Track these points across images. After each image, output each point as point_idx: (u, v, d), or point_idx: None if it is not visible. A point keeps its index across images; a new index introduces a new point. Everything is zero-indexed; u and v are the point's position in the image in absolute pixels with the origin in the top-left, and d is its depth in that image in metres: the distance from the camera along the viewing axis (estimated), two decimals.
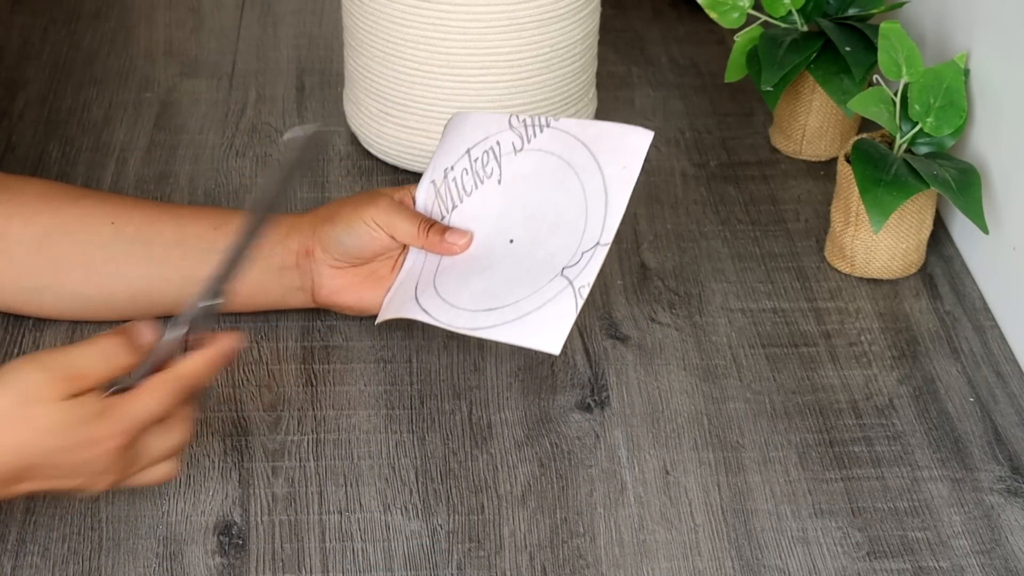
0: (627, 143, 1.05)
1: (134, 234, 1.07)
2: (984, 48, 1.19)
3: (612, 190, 1.04)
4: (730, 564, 0.95)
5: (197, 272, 1.04)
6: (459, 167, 1.09)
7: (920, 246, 1.20)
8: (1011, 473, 1.02)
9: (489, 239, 1.07)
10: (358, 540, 0.96)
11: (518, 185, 1.08)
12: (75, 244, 1.06)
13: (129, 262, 1.07)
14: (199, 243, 1.07)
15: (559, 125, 1.07)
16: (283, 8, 1.58)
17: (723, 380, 1.10)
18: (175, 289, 1.07)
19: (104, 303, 1.09)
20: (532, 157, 1.08)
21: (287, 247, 1.08)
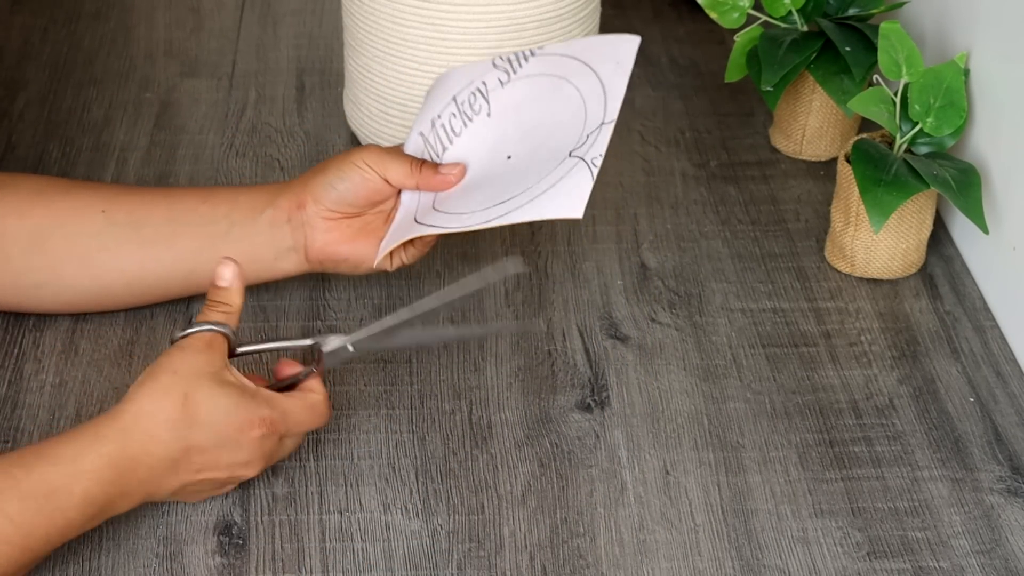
0: (616, 49, 1.06)
1: (125, 219, 1.07)
2: (984, 48, 1.19)
3: (608, 79, 1.05)
4: (730, 564, 0.95)
5: (187, 248, 1.07)
6: (446, 113, 1.10)
7: (920, 246, 1.20)
8: (1011, 473, 1.02)
9: (485, 162, 1.07)
10: (358, 540, 0.96)
11: (508, 113, 1.08)
12: (69, 237, 1.06)
13: (121, 248, 1.07)
14: (189, 216, 1.07)
15: (545, 51, 1.08)
16: (283, 8, 1.58)
17: (723, 380, 1.10)
18: (167, 269, 1.08)
19: (101, 292, 1.09)
20: (521, 84, 1.08)
21: (277, 206, 1.07)
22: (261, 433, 0.93)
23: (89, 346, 1.10)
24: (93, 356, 1.10)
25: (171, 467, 0.92)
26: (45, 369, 1.09)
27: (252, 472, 0.95)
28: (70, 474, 0.88)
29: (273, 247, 1.08)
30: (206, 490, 0.96)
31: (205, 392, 0.92)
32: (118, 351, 1.10)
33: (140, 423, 0.90)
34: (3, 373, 1.08)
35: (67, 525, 0.88)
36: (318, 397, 0.97)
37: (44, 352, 1.10)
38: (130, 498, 0.92)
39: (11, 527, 0.86)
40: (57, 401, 1.06)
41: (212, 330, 0.95)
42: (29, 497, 0.86)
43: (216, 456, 0.93)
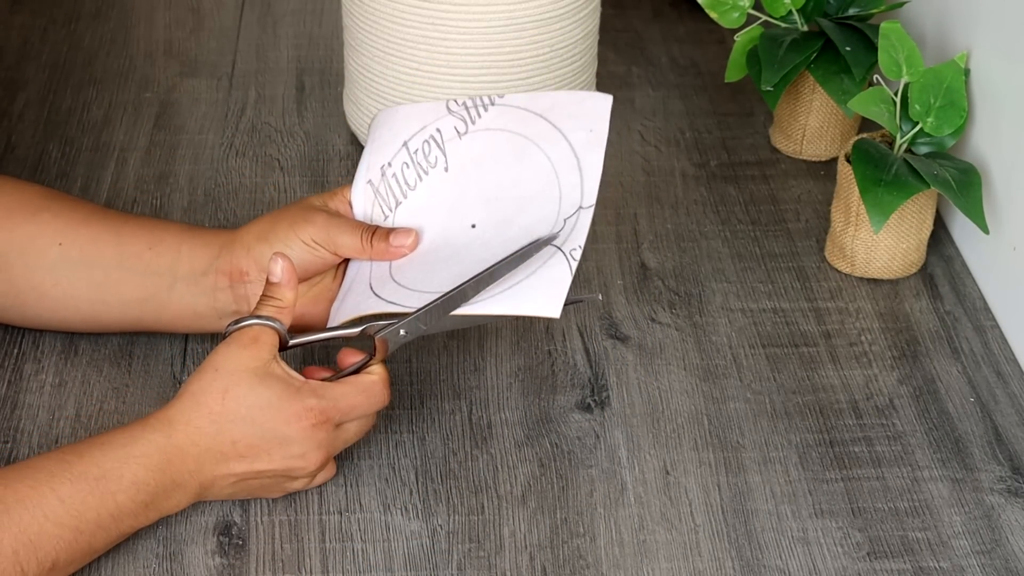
0: (586, 108, 1.01)
1: (77, 256, 1.04)
2: (984, 48, 1.19)
3: (583, 154, 1.00)
4: (730, 564, 0.95)
5: (132, 296, 1.05)
6: (397, 162, 1.04)
7: (920, 246, 1.20)
8: (1011, 473, 1.02)
9: (446, 229, 1.02)
10: (358, 540, 0.96)
11: (468, 170, 1.03)
12: (27, 267, 1.05)
13: (74, 286, 1.05)
14: (135, 264, 1.04)
15: (505, 101, 1.03)
16: (283, 8, 1.58)
17: (723, 380, 1.10)
18: (117, 314, 1.06)
19: (61, 324, 1.09)
20: (480, 138, 1.03)
21: (219, 270, 1.03)
22: (310, 423, 0.93)
23: (89, 346, 1.10)
24: (93, 356, 1.10)
25: (220, 459, 0.93)
26: (45, 369, 1.09)
27: (312, 463, 0.95)
28: (120, 458, 0.90)
29: (215, 309, 1.04)
30: (270, 483, 0.96)
31: (245, 387, 0.93)
32: (118, 351, 1.10)
33: (184, 415, 0.93)
34: (3, 373, 1.08)
35: (118, 509, 0.90)
36: (374, 378, 0.97)
37: (44, 352, 1.10)
38: (184, 489, 0.93)
39: (62, 507, 0.88)
40: (57, 401, 1.06)
41: (260, 324, 0.95)
42: (80, 479, 0.89)
43: (267, 449, 0.93)
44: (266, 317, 0.96)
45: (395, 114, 1.06)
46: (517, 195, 1.01)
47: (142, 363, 1.09)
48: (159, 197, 1.28)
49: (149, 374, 1.09)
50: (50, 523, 0.87)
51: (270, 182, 1.30)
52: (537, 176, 1.01)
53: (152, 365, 1.09)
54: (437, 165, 1.04)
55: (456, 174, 1.04)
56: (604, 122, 1.01)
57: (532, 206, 1.00)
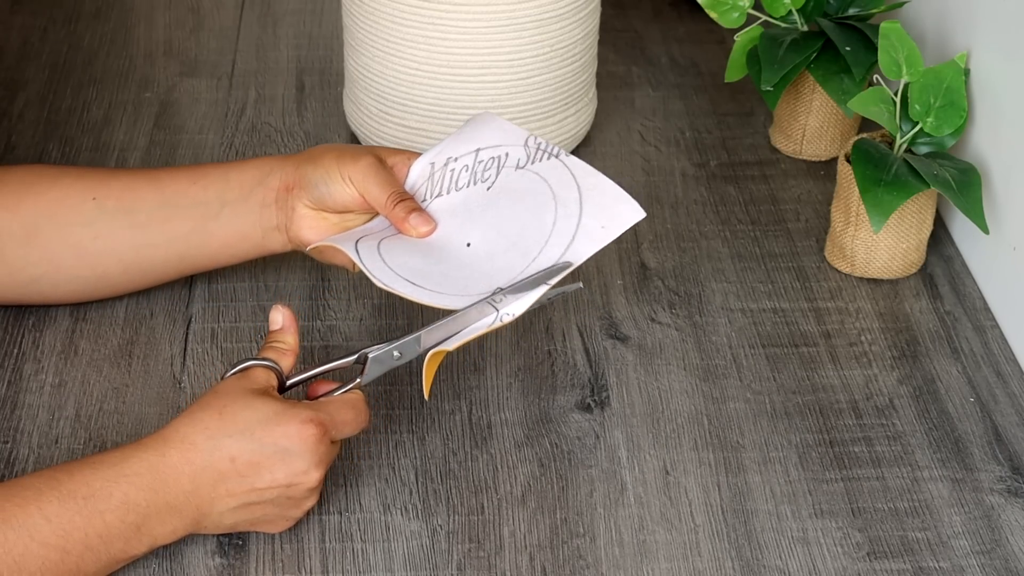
0: (617, 209, 1.02)
1: (115, 205, 1.07)
2: (984, 48, 1.19)
3: (579, 239, 1.01)
4: (730, 564, 0.95)
5: (179, 230, 1.07)
6: (462, 162, 1.07)
7: (920, 246, 1.20)
8: (1011, 473, 1.02)
9: (450, 235, 1.04)
10: (358, 540, 0.96)
11: (502, 198, 1.05)
12: (61, 227, 1.06)
13: (115, 234, 1.07)
14: (180, 199, 1.07)
15: (567, 161, 1.05)
16: (283, 8, 1.58)
17: (723, 380, 1.10)
18: (162, 254, 1.08)
19: (100, 281, 1.09)
20: (527, 177, 1.05)
21: (268, 185, 1.06)
22: (313, 434, 0.91)
23: (89, 346, 1.10)
24: (93, 356, 1.10)
25: (218, 478, 0.90)
26: (45, 369, 1.09)
27: (313, 481, 0.92)
28: (110, 477, 0.88)
29: (261, 226, 1.07)
30: (273, 512, 0.93)
31: (241, 404, 0.92)
32: (118, 351, 1.10)
33: (179, 432, 0.91)
34: (3, 373, 1.08)
35: (106, 530, 0.87)
36: (358, 396, 0.96)
37: (44, 352, 1.10)
38: (179, 513, 0.90)
39: (48, 527, 0.86)
40: (57, 401, 1.06)
41: (257, 364, 0.96)
42: (68, 498, 0.87)
43: (268, 465, 0.91)
44: (264, 358, 0.96)
45: (489, 122, 1.09)
46: (512, 238, 1.03)
47: (142, 363, 1.09)
48: None
49: (149, 374, 1.09)
50: (35, 543, 0.85)
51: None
52: (535, 233, 1.02)
53: (152, 365, 1.09)
54: (487, 182, 1.06)
55: (492, 196, 1.05)
56: (620, 228, 1.01)
57: (513, 253, 1.02)
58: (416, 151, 1.09)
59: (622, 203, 1.02)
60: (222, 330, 1.13)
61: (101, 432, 1.03)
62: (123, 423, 1.04)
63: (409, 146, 1.28)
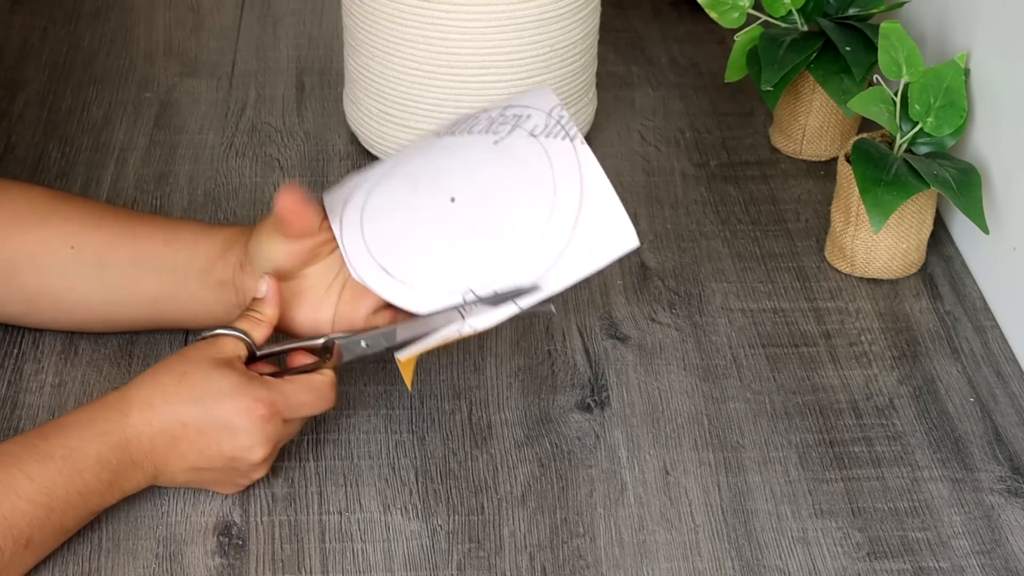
0: (611, 233, 0.97)
1: (91, 258, 1.05)
2: (984, 48, 1.19)
3: (564, 261, 0.97)
4: (730, 564, 0.95)
5: (147, 294, 1.05)
6: (491, 112, 1.03)
7: (920, 246, 1.20)
8: (1011, 473, 1.02)
9: (439, 179, 1.00)
10: (358, 540, 0.96)
11: (503, 160, 1.00)
12: (39, 272, 1.05)
13: (88, 288, 1.06)
14: (152, 261, 1.05)
15: (579, 149, 0.99)
16: (283, 8, 1.58)
17: (723, 380, 1.10)
18: (131, 313, 1.07)
19: (75, 326, 1.10)
20: (534, 149, 1.00)
21: (226, 261, 1.04)
22: (261, 414, 0.94)
23: (88, 346, 1.10)
24: (92, 356, 1.10)
25: (172, 442, 0.94)
26: (45, 369, 1.09)
27: (257, 456, 0.95)
28: (84, 437, 0.92)
29: (222, 302, 1.05)
30: (221, 477, 0.97)
31: (203, 372, 0.94)
32: (118, 351, 1.10)
33: (140, 392, 0.94)
34: (3, 373, 1.08)
35: (85, 487, 0.91)
36: (323, 379, 0.97)
37: (44, 352, 1.10)
38: (142, 469, 0.94)
39: (32, 486, 0.89)
40: (56, 401, 1.06)
41: (228, 333, 0.98)
42: (47, 459, 0.90)
43: (216, 438, 0.94)
44: (237, 328, 0.98)
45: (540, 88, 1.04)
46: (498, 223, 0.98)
47: (142, 363, 1.09)
48: (159, 197, 1.28)
49: None
50: (22, 501, 0.88)
51: (270, 182, 1.30)
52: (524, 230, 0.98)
53: (152, 365, 1.09)
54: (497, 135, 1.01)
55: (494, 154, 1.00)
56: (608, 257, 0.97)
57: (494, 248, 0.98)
58: None
59: (618, 227, 0.97)
60: None
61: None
62: None
63: None
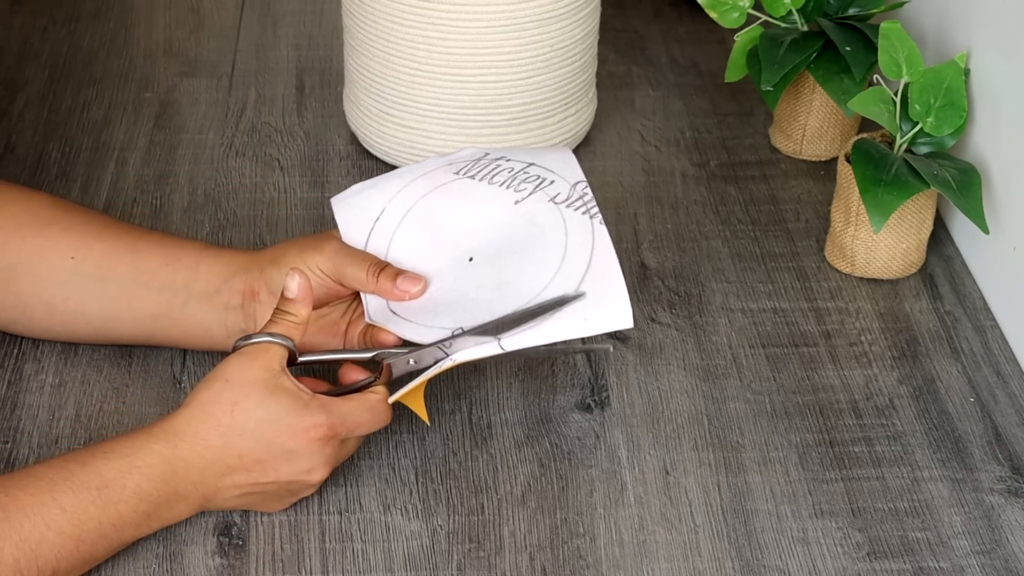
0: (608, 307, 0.97)
1: (91, 270, 1.04)
2: (984, 48, 1.19)
3: (554, 319, 0.97)
4: (730, 564, 0.95)
5: (146, 312, 1.05)
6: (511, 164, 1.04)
7: (920, 246, 1.20)
8: (1011, 473, 1.02)
9: (456, 240, 1.02)
10: (358, 540, 0.96)
11: (523, 221, 1.02)
12: (37, 281, 1.04)
13: (85, 300, 1.05)
14: (151, 279, 1.04)
15: (596, 229, 1.01)
16: (283, 8, 1.58)
17: (723, 380, 1.10)
18: (129, 328, 1.06)
19: (70, 337, 1.09)
20: (554, 216, 1.02)
21: (232, 287, 1.03)
22: (319, 437, 0.93)
23: (89, 346, 1.10)
24: (93, 356, 1.10)
25: (226, 472, 0.92)
26: (45, 369, 1.09)
27: (318, 477, 0.94)
28: (123, 468, 0.90)
29: (225, 327, 1.04)
30: (273, 497, 0.96)
31: (255, 400, 0.92)
32: (118, 351, 1.10)
33: (192, 425, 0.92)
34: (3, 373, 1.08)
35: (119, 519, 0.89)
36: (379, 397, 0.96)
37: (44, 352, 1.10)
38: (186, 500, 0.92)
39: (63, 516, 0.87)
40: (57, 401, 1.06)
41: (270, 341, 0.94)
42: (82, 488, 0.88)
43: (274, 465, 0.93)
44: (276, 334, 0.95)
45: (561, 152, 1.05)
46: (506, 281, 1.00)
47: (142, 363, 1.09)
48: (159, 197, 1.28)
49: (149, 374, 1.09)
50: (51, 532, 0.87)
51: (270, 182, 1.30)
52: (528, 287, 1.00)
53: (152, 365, 1.09)
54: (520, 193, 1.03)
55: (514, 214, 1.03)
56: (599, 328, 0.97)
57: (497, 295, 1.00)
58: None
59: (616, 304, 0.97)
60: None
61: (101, 432, 1.03)
62: (123, 423, 1.04)
63: (408, 146, 1.28)
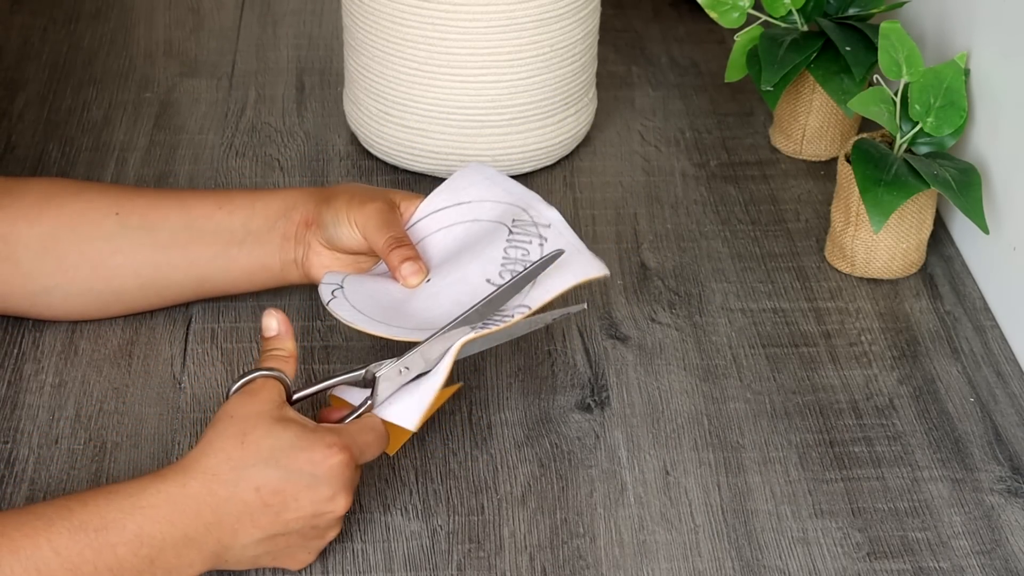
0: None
1: (139, 222, 1.06)
2: (984, 48, 1.19)
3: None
4: (730, 565, 0.95)
5: (201, 254, 1.07)
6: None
7: (920, 246, 1.20)
8: (1011, 473, 1.02)
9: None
10: (358, 541, 0.96)
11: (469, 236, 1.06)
12: (81, 240, 1.06)
13: (136, 251, 1.07)
14: (205, 223, 1.07)
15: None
16: (283, 8, 1.58)
17: (723, 380, 1.10)
18: (182, 274, 1.08)
19: (114, 295, 1.09)
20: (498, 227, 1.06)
21: (290, 218, 1.07)
22: (338, 460, 0.89)
23: (89, 346, 1.10)
24: (93, 356, 1.10)
25: (243, 510, 0.87)
26: (45, 369, 1.09)
27: (340, 507, 0.90)
28: (124, 508, 0.85)
29: (281, 258, 1.08)
30: (297, 543, 0.90)
31: (264, 430, 0.88)
32: (118, 351, 1.10)
33: (200, 462, 0.87)
34: (3, 373, 1.08)
35: (118, 563, 0.84)
36: (376, 419, 0.94)
37: (44, 352, 1.10)
38: (198, 546, 0.87)
39: (56, 560, 0.83)
40: (57, 401, 1.06)
41: (265, 375, 0.92)
42: (79, 530, 0.84)
43: (294, 494, 0.88)
44: (270, 368, 0.93)
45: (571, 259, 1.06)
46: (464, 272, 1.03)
47: (142, 363, 1.09)
48: None
49: (149, 374, 1.09)
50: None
51: (270, 182, 1.30)
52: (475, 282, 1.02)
53: (152, 365, 1.09)
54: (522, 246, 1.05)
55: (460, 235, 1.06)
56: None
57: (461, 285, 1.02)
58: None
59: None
60: (222, 330, 1.12)
61: (101, 432, 1.03)
62: (123, 423, 1.04)
63: (408, 146, 1.28)
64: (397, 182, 1.30)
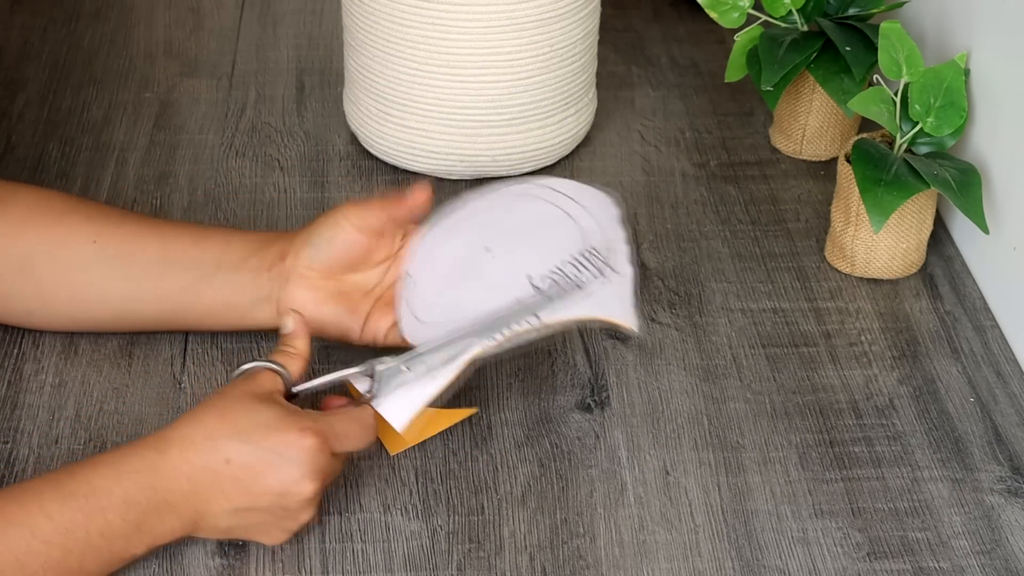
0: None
1: (115, 252, 1.05)
2: (984, 48, 1.19)
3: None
4: (730, 565, 0.95)
5: (172, 287, 1.05)
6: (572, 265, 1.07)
7: (920, 246, 1.20)
8: (1011, 473, 1.02)
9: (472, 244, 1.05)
10: (358, 541, 0.96)
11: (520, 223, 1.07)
12: (57, 265, 1.05)
13: (108, 282, 1.05)
14: (179, 257, 1.05)
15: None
16: (283, 8, 1.58)
17: (723, 380, 1.10)
18: (152, 309, 1.06)
19: (91, 323, 1.09)
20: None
21: (263, 255, 1.05)
22: (309, 444, 0.90)
23: (88, 346, 1.10)
24: (92, 356, 1.10)
25: (215, 480, 0.90)
26: (45, 369, 1.09)
27: (307, 491, 0.91)
28: (110, 475, 0.89)
29: (250, 295, 1.05)
30: (267, 520, 0.92)
31: (244, 408, 0.91)
32: (118, 351, 1.10)
33: (179, 431, 0.91)
34: (3, 373, 1.08)
35: (108, 528, 0.88)
36: (366, 413, 0.95)
37: (44, 352, 1.10)
38: (176, 512, 0.90)
39: (50, 524, 0.86)
40: (57, 401, 1.06)
41: (264, 367, 0.95)
42: (69, 497, 0.87)
43: (263, 471, 0.90)
44: (272, 361, 0.96)
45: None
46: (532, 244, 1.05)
47: (142, 363, 1.09)
48: (159, 197, 1.28)
49: (149, 374, 1.09)
50: (37, 541, 0.86)
51: (270, 182, 1.30)
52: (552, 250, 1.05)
53: (152, 365, 1.09)
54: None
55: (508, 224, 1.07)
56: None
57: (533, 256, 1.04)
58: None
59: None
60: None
61: (101, 432, 1.03)
62: (123, 423, 1.04)
63: (408, 146, 1.28)
64: (397, 182, 1.30)
